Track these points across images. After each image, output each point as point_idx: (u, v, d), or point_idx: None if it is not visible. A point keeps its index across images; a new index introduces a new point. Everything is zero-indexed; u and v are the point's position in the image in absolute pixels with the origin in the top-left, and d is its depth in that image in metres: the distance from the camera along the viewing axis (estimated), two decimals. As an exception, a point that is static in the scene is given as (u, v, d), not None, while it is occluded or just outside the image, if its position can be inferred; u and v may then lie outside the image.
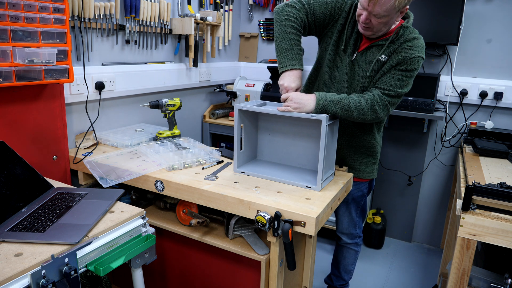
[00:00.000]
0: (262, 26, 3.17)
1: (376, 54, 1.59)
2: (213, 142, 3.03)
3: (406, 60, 1.53)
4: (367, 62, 1.62)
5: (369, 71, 1.60)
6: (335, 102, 1.49)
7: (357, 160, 1.81)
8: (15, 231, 1.12)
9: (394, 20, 1.51)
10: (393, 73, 1.55)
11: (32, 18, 1.42)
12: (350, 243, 2.04)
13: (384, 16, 1.45)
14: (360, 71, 1.64)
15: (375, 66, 1.60)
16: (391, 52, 1.57)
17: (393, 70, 1.56)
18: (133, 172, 1.60)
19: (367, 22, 1.49)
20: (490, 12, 2.46)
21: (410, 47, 1.53)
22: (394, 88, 1.54)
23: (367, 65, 1.62)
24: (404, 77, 1.54)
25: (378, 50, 1.59)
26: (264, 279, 1.43)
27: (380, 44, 1.59)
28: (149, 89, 2.32)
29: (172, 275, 1.75)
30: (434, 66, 2.67)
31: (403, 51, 1.54)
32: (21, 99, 1.56)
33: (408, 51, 1.53)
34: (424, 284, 2.48)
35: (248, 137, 1.67)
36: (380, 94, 1.54)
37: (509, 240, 1.33)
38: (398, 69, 1.55)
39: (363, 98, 1.53)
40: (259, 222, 1.30)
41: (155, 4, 2.23)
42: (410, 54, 1.52)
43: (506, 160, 1.99)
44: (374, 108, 1.53)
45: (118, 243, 1.20)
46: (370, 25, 1.50)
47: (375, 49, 1.60)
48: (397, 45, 1.56)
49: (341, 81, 1.69)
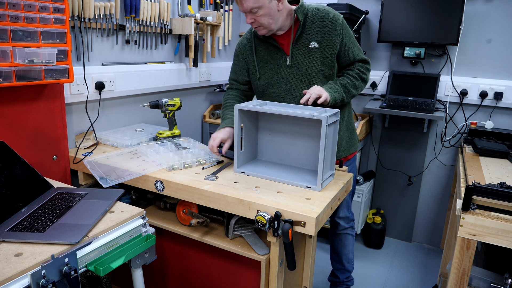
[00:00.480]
0: (262, 26, 3.16)
1: (304, 46, 1.69)
2: (213, 142, 3.02)
3: (341, 29, 1.66)
4: (304, 56, 1.70)
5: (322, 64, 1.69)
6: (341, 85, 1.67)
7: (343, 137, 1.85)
8: (15, 231, 1.12)
9: (276, 9, 1.60)
10: (348, 45, 1.69)
11: (32, 18, 1.42)
12: (347, 228, 2.08)
13: (258, 8, 1.56)
14: (306, 67, 1.70)
15: (307, 55, 1.69)
16: (319, 36, 1.66)
17: (344, 44, 1.69)
18: (133, 172, 1.60)
19: (252, 22, 1.62)
20: (490, 12, 2.46)
21: (332, 20, 1.65)
22: (358, 50, 1.73)
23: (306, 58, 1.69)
24: (353, 40, 1.72)
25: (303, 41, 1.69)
26: (264, 279, 1.43)
27: (297, 36, 1.68)
28: (149, 89, 2.32)
29: (172, 275, 1.75)
30: (434, 66, 2.67)
31: (331, 27, 1.65)
32: (21, 99, 1.56)
33: (334, 22, 1.65)
34: (424, 284, 2.48)
35: (248, 137, 1.67)
36: (359, 64, 1.73)
37: (509, 240, 1.33)
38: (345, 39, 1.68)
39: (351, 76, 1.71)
40: (259, 222, 1.30)
41: (155, 4, 2.23)
42: (337, 22, 1.65)
43: (506, 160, 1.99)
44: (363, 78, 1.74)
45: (118, 243, 1.20)
46: (256, 23, 1.62)
47: (298, 44, 1.69)
48: (318, 27, 1.66)
49: (291, 88, 1.74)
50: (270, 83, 1.77)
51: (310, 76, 1.71)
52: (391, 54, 2.78)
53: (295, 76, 1.72)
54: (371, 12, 2.77)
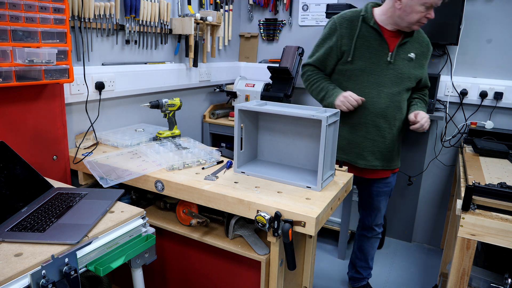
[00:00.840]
0: (262, 26, 3.17)
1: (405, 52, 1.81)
2: (213, 142, 3.03)
3: (428, 49, 1.88)
4: (400, 57, 1.80)
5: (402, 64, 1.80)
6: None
7: (398, 150, 1.96)
8: (15, 231, 1.12)
9: None
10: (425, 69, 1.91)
11: (32, 18, 1.42)
12: (379, 232, 2.17)
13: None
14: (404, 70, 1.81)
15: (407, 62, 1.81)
16: (417, 50, 1.82)
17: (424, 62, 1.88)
18: (133, 172, 1.60)
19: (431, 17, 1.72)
20: (490, 12, 2.46)
21: (423, 38, 1.87)
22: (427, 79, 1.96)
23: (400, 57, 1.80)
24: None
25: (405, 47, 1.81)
26: (264, 279, 1.43)
27: (404, 41, 1.80)
28: (149, 89, 2.32)
29: (172, 275, 1.75)
30: (434, 66, 2.67)
31: (423, 46, 1.85)
32: (21, 99, 1.56)
33: (425, 43, 1.86)
34: (424, 284, 2.48)
35: (248, 137, 1.67)
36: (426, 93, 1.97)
37: (509, 240, 1.33)
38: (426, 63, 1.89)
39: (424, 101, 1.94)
40: (259, 222, 1.30)
41: (155, 4, 2.23)
42: (427, 44, 1.87)
43: (506, 160, 1.99)
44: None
45: (118, 243, 1.20)
46: (429, 19, 1.73)
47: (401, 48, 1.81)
48: (417, 42, 1.83)
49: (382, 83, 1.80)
50: (362, 70, 1.78)
51: (403, 80, 1.79)
52: (391, 54, 2.78)
53: (390, 74, 1.77)
54: (371, 12, 2.77)
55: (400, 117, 1.85)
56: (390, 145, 1.87)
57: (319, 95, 1.88)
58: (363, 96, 1.78)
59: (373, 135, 1.83)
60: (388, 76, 1.78)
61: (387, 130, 1.83)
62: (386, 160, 1.89)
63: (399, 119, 1.85)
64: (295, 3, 3.03)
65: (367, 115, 1.81)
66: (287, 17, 3.08)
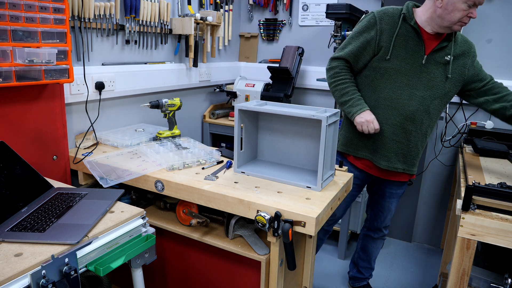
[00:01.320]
0: (262, 26, 3.17)
1: (442, 56, 1.74)
2: (213, 142, 3.03)
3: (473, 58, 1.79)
4: (435, 61, 1.74)
5: (449, 73, 1.74)
6: None
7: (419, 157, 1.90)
8: (15, 231, 1.12)
9: None
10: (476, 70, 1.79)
11: (32, 18, 1.42)
12: (385, 234, 2.18)
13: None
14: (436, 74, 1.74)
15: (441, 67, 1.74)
16: (457, 53, 1.75)
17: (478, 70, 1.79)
18: (133, 172, 1.60)
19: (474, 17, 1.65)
20: (490, 12, 2.46)
21: (469, 43, 1.80)
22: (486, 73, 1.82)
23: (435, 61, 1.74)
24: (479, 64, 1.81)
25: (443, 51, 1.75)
26: (264, 279, 1.43)
27: (444, 46, 1.74)
28: (149, 89, 2.32)
29: (172, 275, 1.75)
30: (434, 66, 2.67)
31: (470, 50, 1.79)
32: (21, 99, 1.56)
33: (472, 47, 1.80)
34: (424, 284, 2.48)
35: (248, 137, 1.67)
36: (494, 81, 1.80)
37: (509, 240, 1.33)
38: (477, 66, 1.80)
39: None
40: (259, 222, 1.30)
41: (155, 4, 2.23)
42: (474, 48, 1.80)
43: (506, 160, 1.99)
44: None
45: (118, 243, 1.20)
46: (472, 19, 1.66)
47: (440, 51, 1.74)
48: (460, 48, 1.76)
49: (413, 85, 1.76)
50: (398, 70, 1.73)
51: (435, 85, 1.74)
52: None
53: (423, 77, 1.73)
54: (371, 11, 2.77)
55: (427, 122, 1.79)
56: (414, 149, 1.82)
57: (342, 98, 1.81)
58: (395, 97, 1.74)
59: (400, 137, 1.78)
60: (420, 79, 1.73)
61: (413, 134, 1.79)
62: (408, 164, 1.85)
63: (426, 124, 1.79)
64: (295, 3, 3.03)
65: (396, 117, 1.76)
66: (287, 17, 3.08)
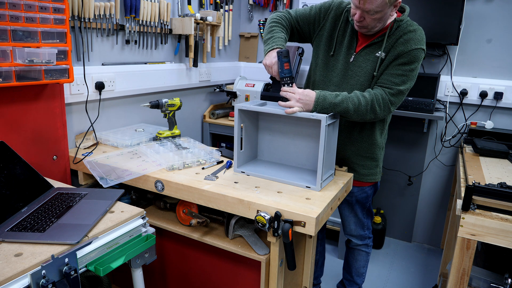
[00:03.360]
0: (262, 26, 3.17)
1: (374, 53, 1.60)
2: (213, 142, 3.03)
3: (404, 54, 1.52)
4: (366, 61, 1.62)
5: (376, 71, 1.59)
6: (333, 105, 1.48)
7: (356, 163, 1.79)
8: (15, 231, 1.12)
9: (388, 15, 1.51)
10: (393, 69, 1.55)
11: (32, 18, 1.42)
12: (360, 245, 2.02)
13: (377, 12, 1.45)
14: (359, 71, 1.64)
15: (370, 61, 1.61)
16: (388, 48, 1.57)
17: (392, 66, 1.55)
18: (133, 172, 1.60)
19: (361, 20, 1.50)
20: (490, 12, 2.46)
21: (407, 41, 1.53)
22: (395, 86, 1.53)
23: (366, 64, 1.62)
24: (404, 72, 1.53)
25: (376, 48, 1.60)
26: (264, 279, 1.43)
27: (376, 42, 1.60)
28: (149, 89, 2.32)
29: (172, 275, 1.75)
30: (434, 66, 2.67)
31: (399, 46, 1.54)
32: (21, 99, 1.56)
33: (405, 45, 1.53)
34: (424, 284, 2.48)
35: (248, 137, 1.67)
36: (382, 93, 1.53)
37: (509, 240, 1.33)
38: (397, 64, 1.54)
39: (363, 98, 1.52)
40: (259, 222, 1.30)
41: (155, 4, 2.23)
42: (407, 47, 1.52)
43: (506, 160, 1.99)
44: (374, 108, 1.52)
45: (118, 243, 1.20)
46: (364, 23, 1.51)
47: (372, 47, 1.61)
48: (393, 40, 1.56)
49: (337, 83, 1.70)
50: (334, 67, 1.70)
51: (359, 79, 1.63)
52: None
53: (342, 74, 1.67)
54: (371, 12, 2.77)
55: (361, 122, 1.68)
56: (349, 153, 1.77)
57: (265, 36, 1.66)
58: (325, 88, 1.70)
59: (343, 137, 1.75)
60: (346, 77, 1.67)
61: (355, 135, 1.74)
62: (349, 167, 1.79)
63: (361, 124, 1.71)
64: (295, 3, 3.03)
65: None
66: (287, 17, 3.08)
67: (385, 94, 1.53)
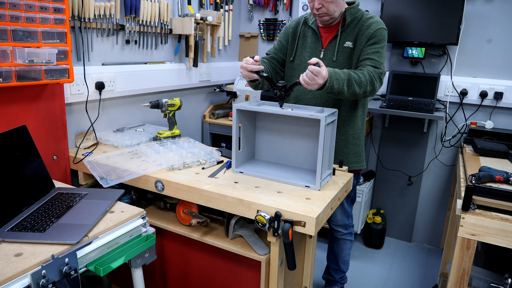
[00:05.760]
0: (262, 26, 3.17)
1: (342, 44, 1.75)
2: (213, 142, 3.03)
3: (372, 35, 1.69)
4: (337, 53, 1.76)
5: (335, 56, 1.75)
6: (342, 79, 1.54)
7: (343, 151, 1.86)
8: (15, 231, 1.12)
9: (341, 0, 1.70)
10: (367, 50, 1.70)
11: (32, 18, 1.42)
12: (345, 234, 2.10)
13: None
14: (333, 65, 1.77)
15: (340, 53, 1.75)
16: (354, 36, 1.73)
17: (366, 47, 1.70)
18: (133, 172, 1.60)
19: (320, 7, 1.66)
20: (490, 12, 2.46)
21: (370, 25, 1.71)
22: (378, 59, 1.69)
23: (338, 56, 1.76)
24: (377, 49, 1.70)
25: (342, 39, 1.76)
26: (264, 279, 1.43)
27: (341, 32, 1.75)
28: (149, 89, 2.32)
29: (172, 275, 1.75)
30: (434, 66, 2.67)
31: (365, 30, 1.71)
32: (21, 99, 1.56)
33: (370, 27, 1.70)
34: (424, 284, 2.48)
35: (246, 136, 1.67)
36: (369, 68, 1.65)
37: (509, 240, 1.33)
38: (369, 45, 1.70)
39: (361, 73, 1.62)
40: (259, 222, 1.30)
41: (155, 4, 2.23)
42: (373, 29, 1.70)
43: (506, 160, 1.99)
44: (372, 81, 1.62)
45: (118, 243, 1.20)
46: (323, 10, 1.67)
47: (339, 40, 1.76)
48: (358, 29, 1.73)
49: None
50: (299, 70, 1.84)
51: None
52: (391, 54, 2.78)
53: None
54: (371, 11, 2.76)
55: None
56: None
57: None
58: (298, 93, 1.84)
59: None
60: None
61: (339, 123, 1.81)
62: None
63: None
64: (295, 3, 3.03)
65: None
66: (287, 17, 3.08)
67: (372, 68, 1.66)
